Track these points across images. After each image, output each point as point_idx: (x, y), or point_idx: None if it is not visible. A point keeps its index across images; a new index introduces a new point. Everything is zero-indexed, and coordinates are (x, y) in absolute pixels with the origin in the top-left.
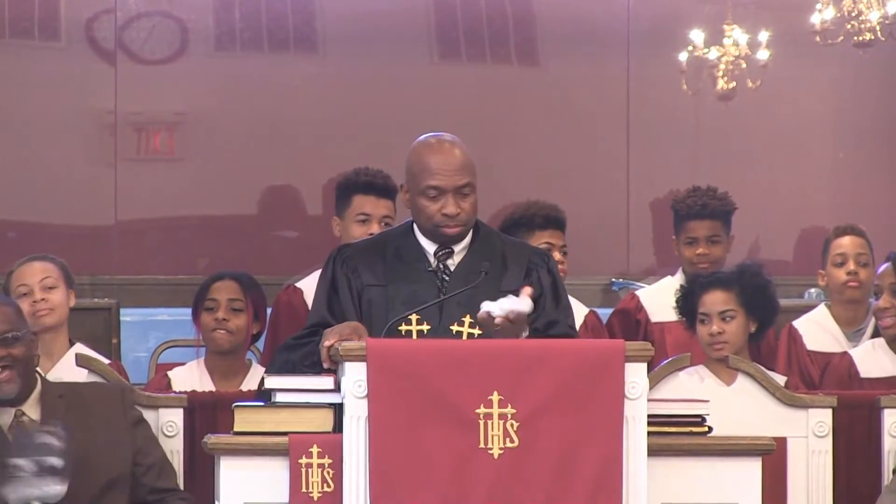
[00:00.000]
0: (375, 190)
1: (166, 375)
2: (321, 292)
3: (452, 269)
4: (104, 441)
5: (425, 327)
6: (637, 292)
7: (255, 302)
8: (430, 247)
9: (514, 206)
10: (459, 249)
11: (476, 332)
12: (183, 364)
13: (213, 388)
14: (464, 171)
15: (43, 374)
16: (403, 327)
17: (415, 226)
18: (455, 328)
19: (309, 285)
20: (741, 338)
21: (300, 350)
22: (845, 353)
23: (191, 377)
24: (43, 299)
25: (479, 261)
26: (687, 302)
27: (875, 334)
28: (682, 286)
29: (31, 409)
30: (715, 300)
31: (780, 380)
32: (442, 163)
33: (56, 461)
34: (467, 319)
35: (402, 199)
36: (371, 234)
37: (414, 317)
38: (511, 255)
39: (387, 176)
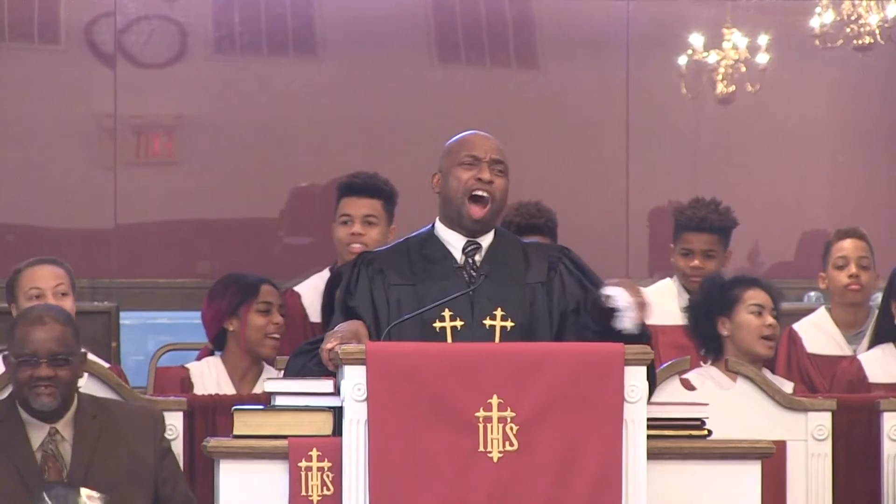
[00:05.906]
0: (355, 190)
1: (185, 368)
2: (339, 302)
3: (479, 263)
4: (131, 471)
5: (458, 323)
6: None
7: None
8: (456, 242)
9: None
10: (486, 245)
11: (509, 324)
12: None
13: (234, 389)
14: (499, 151)
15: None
16: (437, 324)
17: (438, 226)
18: (488, 322)
19: (307, 289)
20: None
21: (312, 354)
22: (854, 359)
23: (209, 374)
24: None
25: (505, 255)
26: (725, 296)
27: (873, 336)
28: (706, 283)
29: (65, 429)
30: (766, 298)
31: (787, 387)
32: (480, 138)
33: None
34: (499, 313)
35: (434, 185)
36: (353, 234)
37: (447, 313)
38: (532, 252)
39: (371, 175)
